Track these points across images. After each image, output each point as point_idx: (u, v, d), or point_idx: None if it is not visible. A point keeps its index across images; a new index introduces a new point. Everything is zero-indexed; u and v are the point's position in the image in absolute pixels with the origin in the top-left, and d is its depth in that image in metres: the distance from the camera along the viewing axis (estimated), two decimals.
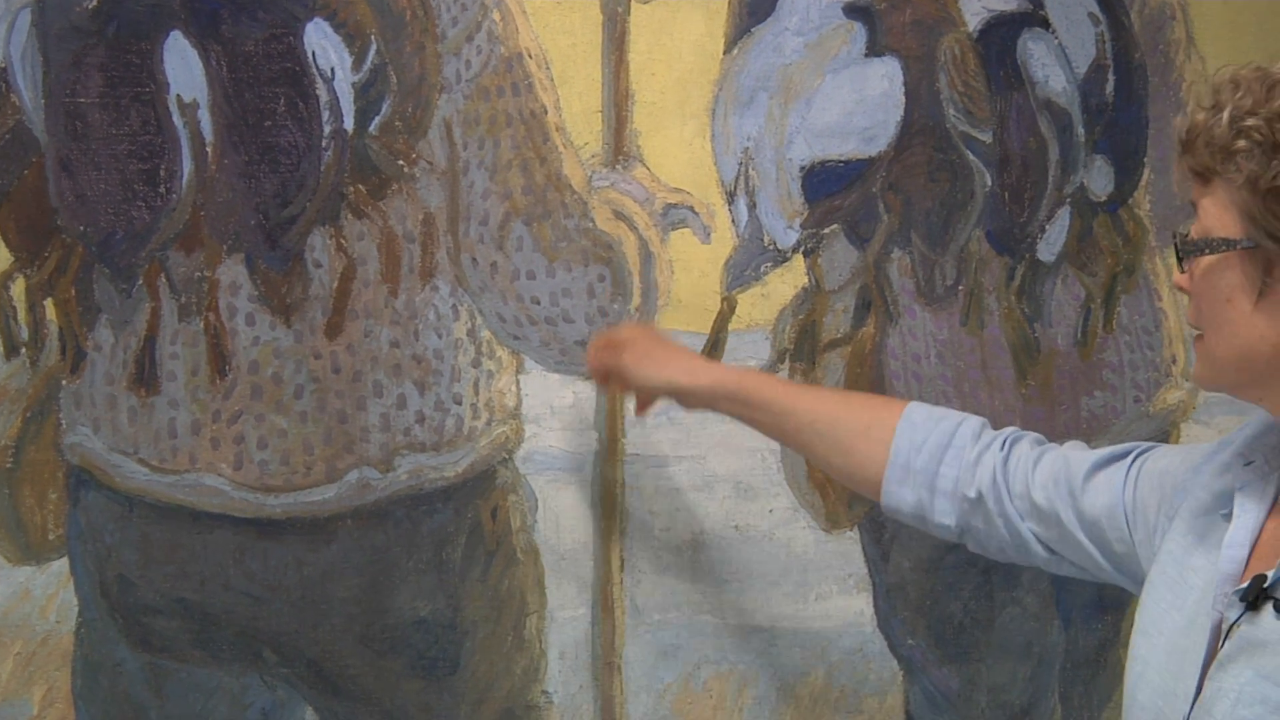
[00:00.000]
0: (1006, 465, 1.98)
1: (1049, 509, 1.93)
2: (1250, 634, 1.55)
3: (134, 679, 2.49)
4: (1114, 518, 1.88)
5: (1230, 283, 1.56)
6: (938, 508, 2.03)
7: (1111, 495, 1.89)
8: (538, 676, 2.59)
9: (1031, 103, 2.65)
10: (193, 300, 2.44)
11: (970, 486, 2.00)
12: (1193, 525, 1.74)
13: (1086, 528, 1.90)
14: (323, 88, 2.43)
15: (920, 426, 2.06)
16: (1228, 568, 1.63)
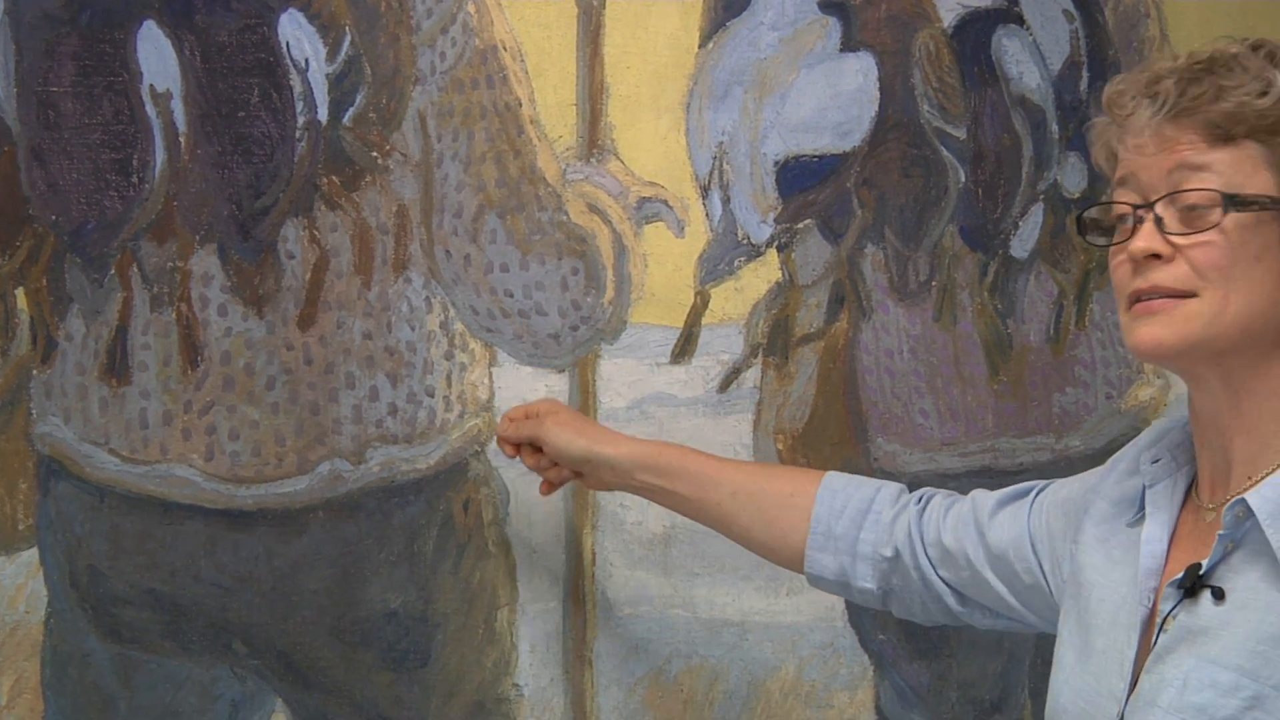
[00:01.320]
0: (921, 518, 2.03)
1: (957, 550, 1.96)
2: (1189, 623, 1.58)
3: (103, 670, 2.50)
4: (1020, 548, 1.92)
5: (1263, 240, 1.58)
6: (859, 572, 2.08)
7: (1017, 527, 1.93)
8: (508, 669, 2.60)
9: (1005, 99, 2.67)
10: (165, 290, 2.45)
11: (887, 546, 2.05)
12: (1097, 535, 1.77)
13: (993, 563, 1.94)
14: (297, 78, 2.44)
15: (840, 493, 2.10)
16: (1149, 563, 1.65)
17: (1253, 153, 1.58)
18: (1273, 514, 1.53)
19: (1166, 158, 1.60)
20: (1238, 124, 1.58)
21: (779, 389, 2.63)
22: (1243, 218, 1.57)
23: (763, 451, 2.65)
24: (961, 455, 2.72)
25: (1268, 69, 1.60)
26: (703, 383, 2.63)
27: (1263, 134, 1.58)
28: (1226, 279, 1.57)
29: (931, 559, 2.01)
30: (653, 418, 2.62)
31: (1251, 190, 1.57)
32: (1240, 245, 1.57)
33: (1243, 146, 1.58)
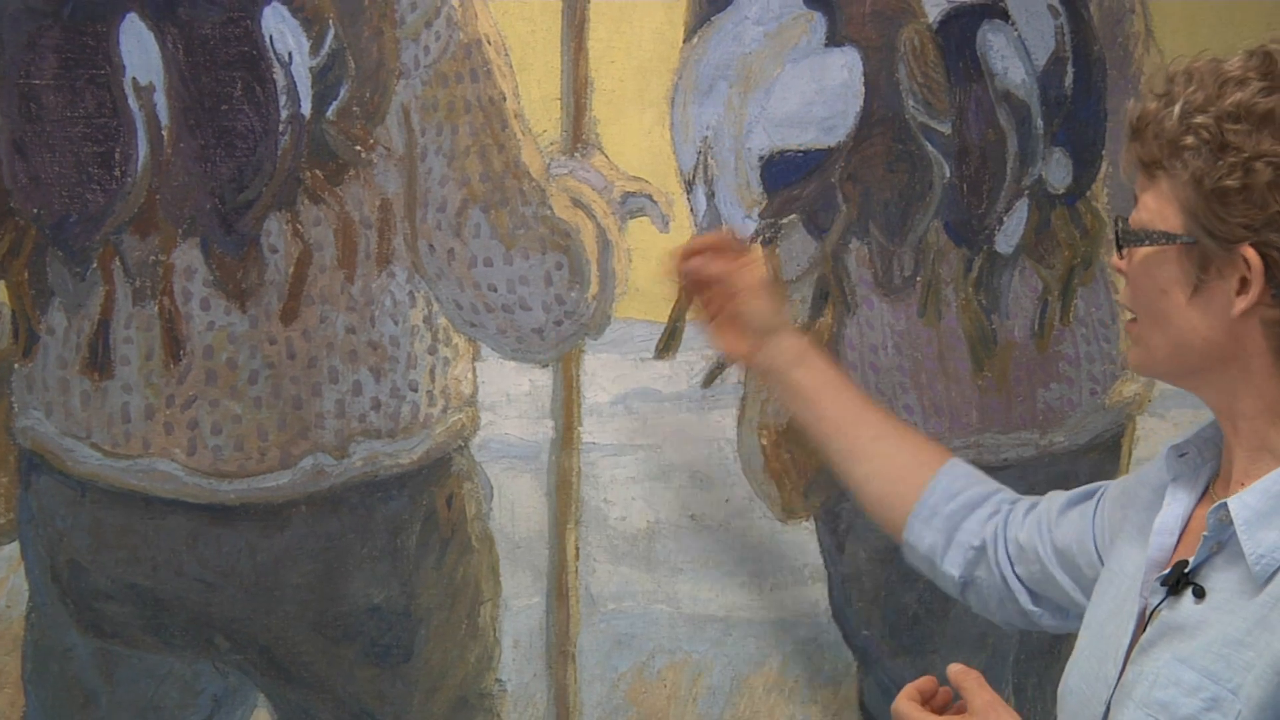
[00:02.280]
0: (1009, 517, 2.04)
1: (1029, 546, 1.98)
2: (1170, 618, 1.60)
3: (85, 664, 2.51)
4: (1084, 544, 1.94)
5: (1166, 275, 1.60)
6: (949, 557, 2.09)
7: (1083, 524, 1.95)
8: (491, 665, 2.61)
9: (990, 94, 2.68)
10: (147, 284, 2.45)
11: (977, 537, 2.06)
12: (1135, 521, 1.79)
13: (1059, 558, 1.96)
14: (280, 72, 2.44)
15: (960, 479, 2.11)
16: (1156, 555, 1.68)
17: (1163, 187, 1.60)
18: (1249, 520, 1.55)
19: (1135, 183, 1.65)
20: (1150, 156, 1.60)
21: (763, 384, 2.64)
22: (1146, 252, 1.59)
23: (746, 447, 2.66)
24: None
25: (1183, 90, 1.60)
26: (687, 378, 2.65)
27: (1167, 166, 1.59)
28: (1144, 310, 1.61)
29: (1010, 555, 2.02)
30: (637, 413, 2.63)
31: (1160, 225, 1.59)
32: (1147, 279, 1.60)
33: (1158, 180, 1.60)
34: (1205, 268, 1.58)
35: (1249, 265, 1.56)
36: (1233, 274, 1.58)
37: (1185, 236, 1.58)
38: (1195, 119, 1.58)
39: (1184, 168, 1.58)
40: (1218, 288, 1.59)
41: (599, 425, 2.62)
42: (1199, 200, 1.57)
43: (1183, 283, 1.59)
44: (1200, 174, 1.57)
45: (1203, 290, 1.58)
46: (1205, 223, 1.57)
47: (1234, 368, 1.60)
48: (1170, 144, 1.59)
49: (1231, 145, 1.56)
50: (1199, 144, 1.57)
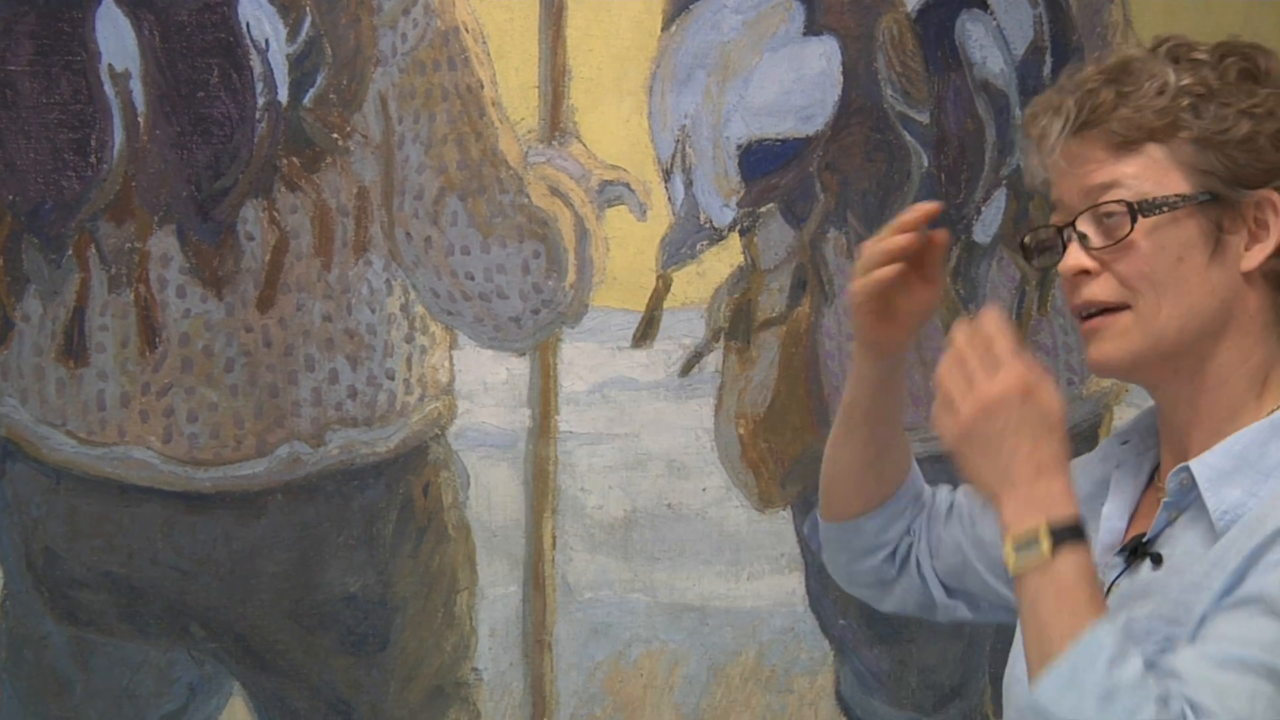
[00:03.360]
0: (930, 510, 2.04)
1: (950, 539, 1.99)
2: (1128, 588, 1.63)
3: (59, 652, 2.52)
4: None
5: (1182, 240, 1.61)
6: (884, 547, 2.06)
7: None
8: (468, 654, 2.63)
9: (969, 84, 2.70)
10: (123, 271, 2.46)
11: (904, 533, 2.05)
12: None
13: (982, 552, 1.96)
14: (257, 59, 2.45)
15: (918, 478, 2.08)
16: (1107, 538, 1.70)
17: (1157, 156, 1.61)
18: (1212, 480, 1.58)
19: (1081, 175, 1.64)
20: (1137, 129, 1.61)
21: (741, 373, 2.66)
22: (1156, 222, 1.60)
23: (724, 436, 2.68)
24: (922, 441, 2.71)
25: (1165, 67, 1.63)
26: (664, 367, 2.66)
27: (1162, 134, 1.61)
28: (1153, 285, 1.60)
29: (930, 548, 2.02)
30: (614, 401, 2.65)
31: (1161, 193, 1.60)
32: (1159, 250, 1.60)
33: (1146, 151, 1.61)
34: (1219, 224, 1.60)
35: (1269, 210, 1.60)
36: (1241, 228, 1.61)
37: (1201, 194, 1.61)
38: (1185, 82, 1.61)
39: (1187, 129, 1.60)
40: (1231, 244, 1.62)
41: (576, 414, 2.63)
42: (1212, 154, 1.60)
43: (1201, 244, 1.61)
44: (1209, 130, 1.60)
45: (1220, 249, 1.61)
46: (1224, 174, 1.60)
47: (1228, 336, 1.61)
48: (1164, 110, 1.61)
49: (1229, 100, 1.60)
50: (1197, 103, 1.60)
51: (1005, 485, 1.50)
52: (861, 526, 2.00)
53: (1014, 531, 1.48)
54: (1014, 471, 1.50)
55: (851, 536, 2.02)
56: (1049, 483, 1.49)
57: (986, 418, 1.50)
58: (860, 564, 2.02)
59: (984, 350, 1.51)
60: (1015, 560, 1.48)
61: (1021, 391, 1.49)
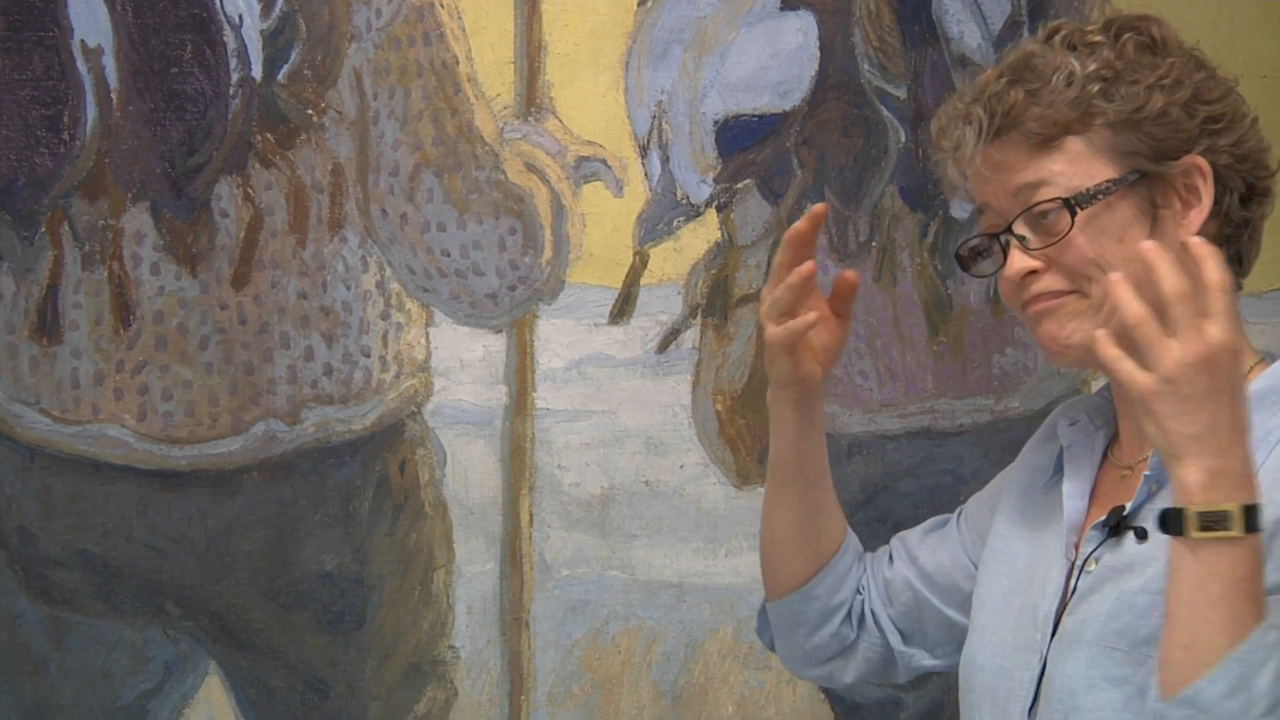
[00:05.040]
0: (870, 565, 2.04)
1: (897, 579, 2.00)
2: (1114, 561, 1.65)
3: (34, 631, 2.53)
4: (957, 560, 1.96)
5: (1120, 221, 1.64)
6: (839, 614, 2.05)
7: (949, 545, 1.98)
8: (445, 631, 2.65)
9: (946, 59, 2.71)
10: (96, 249, 2.47)
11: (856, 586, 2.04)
12: (1015, 504, 1.84)
13: (929, 582, 1.98)
14: (230, 34, 2.46)
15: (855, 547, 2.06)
16: (1072, 517, 1.73)
17: (1078, 148, 1.64)
18: None
19: (1005, 179, 1.66)
20: (1054, 125, 1.64)
21: (718, 350, 2.68)
22: (1092, 211, 1.63)
23: (701, 412, 2.69)
24: (901, 416, 2.76)
25: (1066, 58, 1.66)
26: (641, 343, 2.68)
27: (1078, 126, 1.64)
28: (1102, 269, 1.63)
29: (880, 596, 2.03)
30: (591, 378, 2.66)
31: (1090, 183, 1.63)
32: (1099, 236, 1.63)
33: (1066, 145, 1.64)
34: (1153, 199, 1.63)
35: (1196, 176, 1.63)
36: (1173, 198, 1.64)
37: (1129, 175, 1.63)
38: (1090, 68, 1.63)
39: (1101, 114, 1.63)
40: (1166, 216, 1.65)
41: (553, 391, 2.65)
42: (1131, 134, 1.63)
43: (1139, 220, 1.64)
44: (1123, 111, 1.63)
45: (1157, 223, 1.64)
46: (1147, 150, 1.63)
47: None
48: (1076, 101, 1.63)
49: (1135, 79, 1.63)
50: (1107, 87, 1.63)
51: (1200, 448, 1.44)
52: (814, 592, 1.99)
53: (1203, 499, 1.44)
54: (1214, 435, 1.44)
55: (805, 607, 2.01)
56: (1243, 455, 1.45)
57: (1195, 374, 1.43)
58: (819, 634, 2.01)
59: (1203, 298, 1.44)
60: (1197, 529, 1.43)
61: (1234, 351, 1.44)
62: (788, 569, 2.01)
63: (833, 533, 2.00)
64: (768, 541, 2.02)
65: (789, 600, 2.01)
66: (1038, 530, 1.78)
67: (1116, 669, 1.61)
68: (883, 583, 2.01)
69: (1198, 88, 1.66)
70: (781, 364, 1.88)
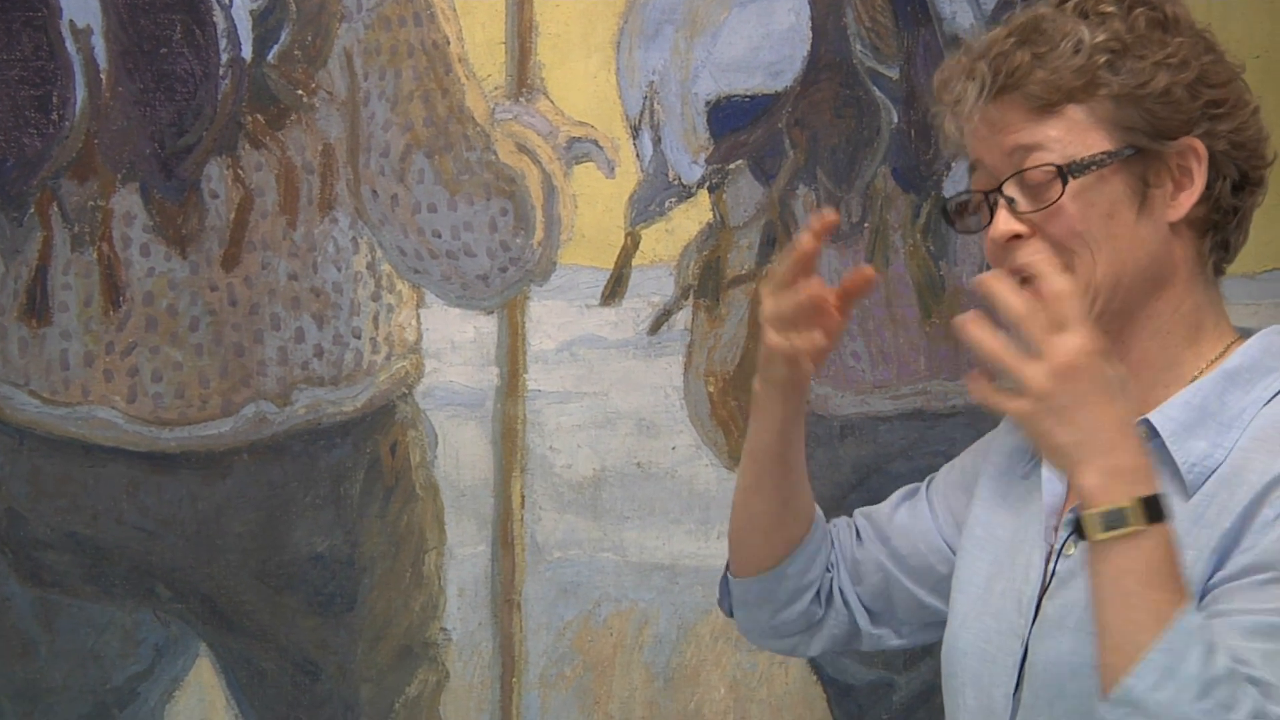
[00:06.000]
0: (837, 541, 2.04)
1: (867, 559, 2.00)
2: None
3: (24, 614, 2.54)
4: (929, 539, 1.96)
5: (1110, 196, 1.64)
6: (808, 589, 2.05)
7: (920, 521, 1.97)
8: (436, 614, 2.66)
9: (939, 39, 2.71)
10: (86, 230, 2.48)
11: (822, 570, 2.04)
12: (993, 489, 1.84)
13: (901, 563, 1.97)
14: (220, 15, 2.46)
15: None
16: (1051, 501, 1.73)
17: (1077, 117, 1.64)
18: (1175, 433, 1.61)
19: (1002, 139, 1.66)
20: (1056, 91, 1.64)
21: (710, 331, 2.68)
22: (1084, 182, 1.63)
23: (693, 394, 2.70)
24: (893, 398, 2.77)
25: (1077, 25, 1.65)
26: (633, 325, 2.68)
27: (1081, 94, 1.64)
28: (1086, 243, 1.63)
29: (850, 575, 2.03)
30: (583, 360, 2.67)
31: (1085, 153, 1.63)
32: (1089, 208, 1.63)
33: (1067, 112, 1.64)
34: (1144, 177, 1.64)
35: (1192, 158, 1.63)
36: (1165, 179, 1.65)
37: (1125, 149, 1.64)
38: (1099, 39, 1.63)
39: (1105, 86, 1.63)
40: (1157, 196, 1.65)
41: (544, 372, 2.66)
42: (1133, 109, 1.63)
43: (1129, 198, 1.64)
44: (1127, 85, 1.63)
45: (1147, 201, 1.64)
46: (1146, 127, 1.63)
47: (1161, 288, 1.64)
48: (1082, 70, 1.63)
49: (1143, 54, 1.63)
50: (1114, 59, 1.63)
51: (1088, 452, 1.45)
52: (784, 573, 1.98)
53: (1101, 501, 1.44)
54: (1098, 438, 1.45)
55: (775, 585, 1.99)
56: (1133, 449, 1.45)
57: (1064, 383, 1.44)
58: (787, 612, 2.00)
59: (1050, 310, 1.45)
60: (1100, 531, 1.44)
61: (1098, 352, 1.45)
62: (760, 551, 2.00)
63: (805, 515, 2.00)
64: (741, 524, 2.02)
65: (758, 579, 2.00)
66: (1018, 514, 1.79)
67: None
68: (852, 562, 2.00)
69: (1204, 70, 1.66)
70: (779, 369, 1.88)
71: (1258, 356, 1.66)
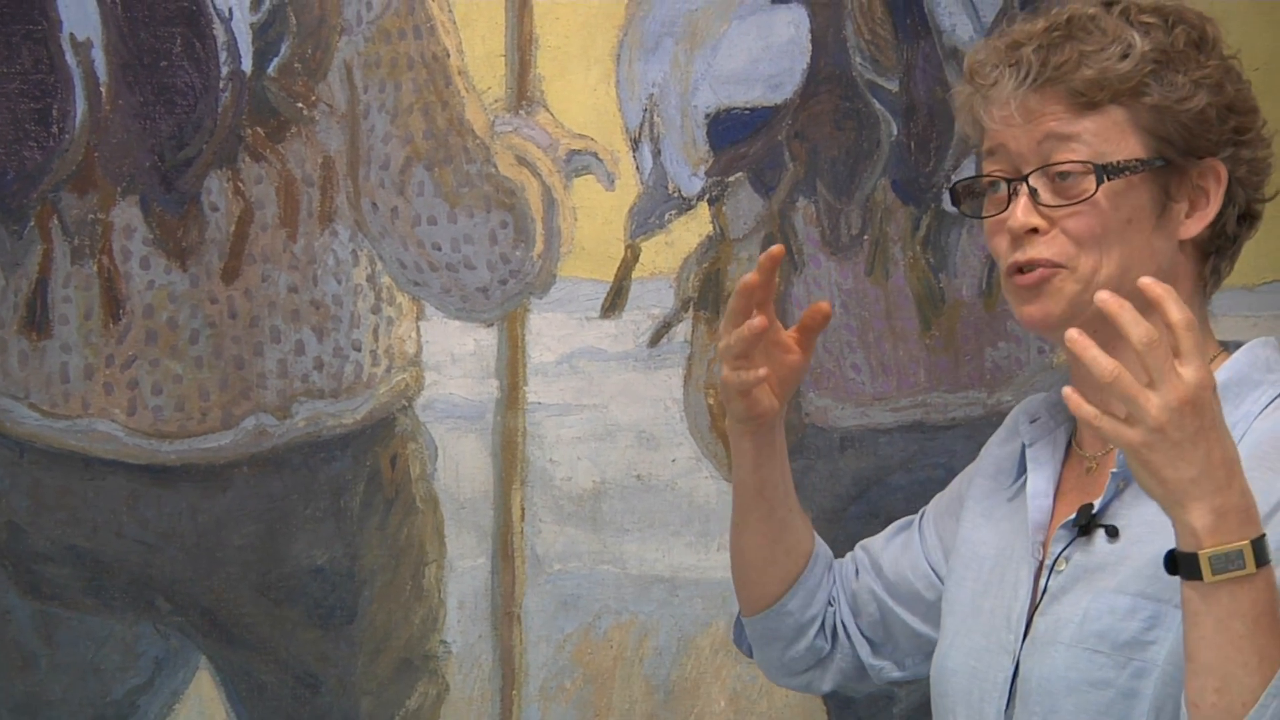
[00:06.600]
0: (838, 575, 2.05)
1: (863, 591, 2.01)
2: (1084, 561, 1.65)
3: (24, 627, 2.54)
4: (918, 568, 1.97)
5: (1135, 203, 1.65)
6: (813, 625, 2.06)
7: (910, 551, 1.99)
8: (436, 626, 2.66)
9: (938, 51, 2.72)
10: (86, 243, 2.48)
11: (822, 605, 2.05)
12: (980, 509, 1.85)
13: (894, 591, 1.98)
14: (220, 28, 2.47)
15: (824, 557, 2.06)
16: (1037, 516, 1.73)
17: (1118, 118, 1.65)
18: None
19: (1035, 128, 1.66)
20: (1101, 90, 1.65)
21: (710, 343, 2.69)
22: (1115, 185, 1.64)
23: (693, 406, 2.71)
24: (893, 410, 2.78)
25: (1126, 29, 1.66)
26: (633, 337, 2.69)
27: (1125, 98, 1.65)
28: (1100, 246, 1.63)
29: (850, 608, 2.04)
30: (583, 372, 2.67)
31: (1120, 156, 1.64)
32: (1113, 211, 1.64)
33: (1108, 112, 1.65)
34: (1169, 190, 1.65)
35: (1213, 180, 1.64)
36: (1184, 196, 1.66)
37: (1157, 160, 1.65)
38: (1146, 48, 1.64)
39: (1149, 95, 1.64)
40: (1174, 210, 1.66)
41: (544, 385, 2.66)
42: (1170, 122, 1.64)
43: (1150, 208, 1.65)
44: (1170, 98, 1.64)
45: (1165, 214, 1.65)
46: (1180, 143, 1.64)
47: None
48: (1128, 75, 1.64)
49: (1188, 71, 1.65)
50: (1160, 70, 1.64)
51: (1201, 490, 1.43)
52: (786, 608, 2.00)
53: (1212, 541, 1.43)
54: (1212, 475, 1.43)
55: (778, 623, 2.02)
56: (1242, 489, 1.44)
57: (1182, 418, 1.42)
58: (795, 648, 2.02)
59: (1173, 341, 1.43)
60: (1211, 575, 1.43)
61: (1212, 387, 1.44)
62: (758, 589, 2.02)
63: (800, 550, 2.00)
64: (736, 563, 2.04)
65: (762, 617, 2.02)
66: (1005, 531, 1.79)
67: (1099, 672, 1.62)
68: (851, 595, 2.02)
69: (1235, 96, 1.68)
70: (737, 404, 1.89)
71: (1244, 371, 1.67)
